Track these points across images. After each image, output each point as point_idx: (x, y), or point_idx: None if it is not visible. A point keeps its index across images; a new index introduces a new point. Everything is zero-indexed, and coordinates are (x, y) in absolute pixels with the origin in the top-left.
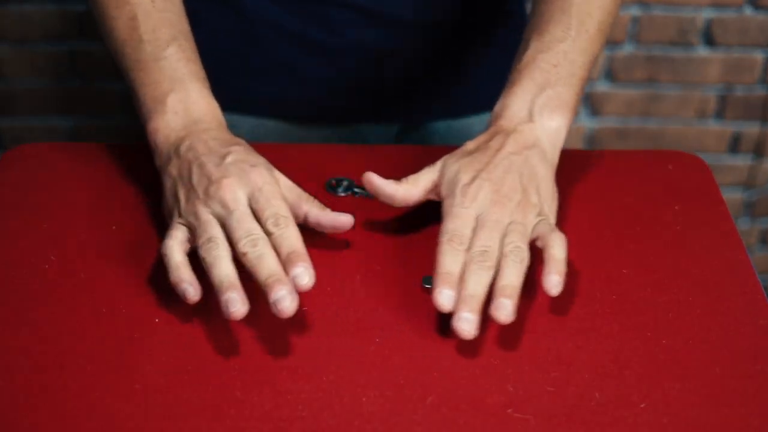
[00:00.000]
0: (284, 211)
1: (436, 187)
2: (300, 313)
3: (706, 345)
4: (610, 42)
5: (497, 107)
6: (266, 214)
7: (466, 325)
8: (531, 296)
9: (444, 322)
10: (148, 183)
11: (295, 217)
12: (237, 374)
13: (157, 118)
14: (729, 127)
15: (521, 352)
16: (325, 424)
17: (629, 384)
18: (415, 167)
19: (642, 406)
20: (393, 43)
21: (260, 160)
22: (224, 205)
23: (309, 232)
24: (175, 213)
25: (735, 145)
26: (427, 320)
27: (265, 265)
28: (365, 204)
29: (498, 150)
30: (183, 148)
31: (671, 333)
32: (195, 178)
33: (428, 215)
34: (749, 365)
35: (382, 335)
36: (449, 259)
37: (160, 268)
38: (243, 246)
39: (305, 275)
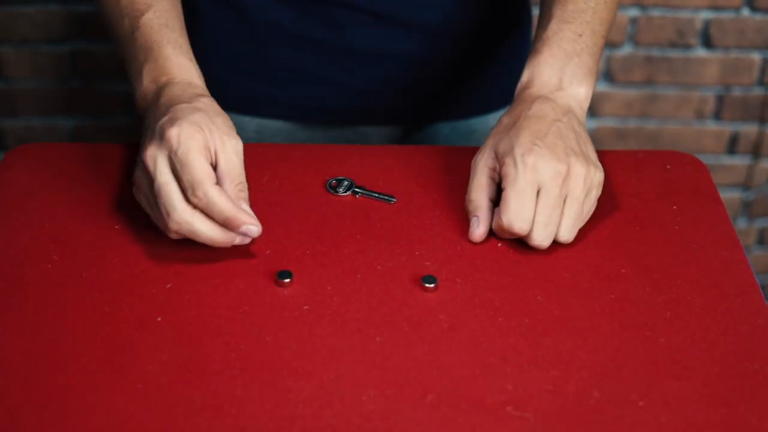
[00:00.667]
0: (200, 176)
1: (494, 171)
2: (300, 313)
3: (704, 344)
4: (609, 43)
5: (526, 75)
6: (184, 184)
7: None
8: (530, 296)
9: (444, 321)
10: None
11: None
12: (238, 373)
13: (138, 90)
14: (727, 128)
15: (520, 351)
16: (326, 423)
17: (628, 383)
18: (416, 167)
19: (640, 404)
20: (399, 45)
21: (193, 116)
22: (146, 174)
23: (309, 231)
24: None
25: (733, 145)
26: (427, 320)
27: (200, 235)
28: (365, 204)
29: (541, 117)
30: (146, 119)
31: (669, 332)
32: (141, 145)
33: (429, 215)
34: (747, 364)
35: (382, 335)
36: (506, 238)
37: (161, 268)
38: (170, 227)
39: (251, 231)
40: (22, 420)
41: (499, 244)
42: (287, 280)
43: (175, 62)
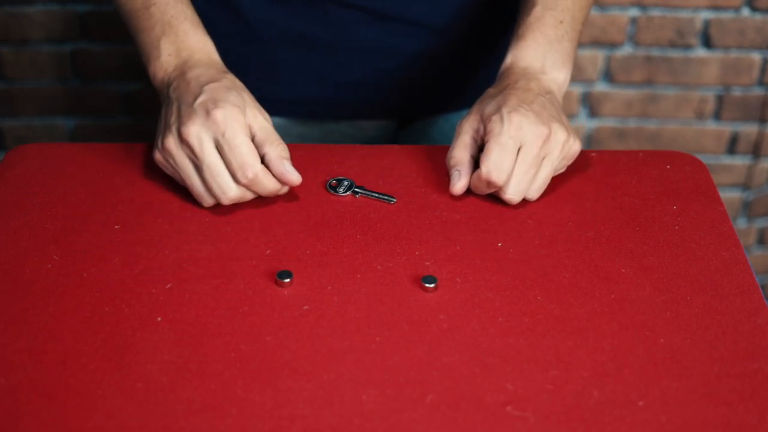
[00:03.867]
0: (249, 159)
1: (477, 133)
2: (300, 313)
3: (704, 344)
4: (609, 43)
5: (509, 58)
6: (233, 165)
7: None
8: (530, 296)
9: (444, 321)
10: (149, 182)
11: (259, 154)
12: (238, 373)
13: (153, 63)
14: (727, 128)
15: (520, 351)
16: (326, 423)
17: (628, 383)
18: (414, 167)
19: (640, 404)
20: (394, 41)
21: (230, 97)
22: (193, 152)
23: (309, 231)
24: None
25: (733, 145)
26: (426, 320)
27: (255, 194)
28: (365, 204)
29: (526, 89)
30: (171, 89)
31: (669, 332)
32: (172, 118)
33: (429, 215)
34: (747, 364)
35: (382, 335)
36: (482, 191)
37: (161, 268)
38: (225, 203)
39: (294, 181)
40: (22, 420)
41: (500, 244)
42: (287, 280)
43: (194, 38)
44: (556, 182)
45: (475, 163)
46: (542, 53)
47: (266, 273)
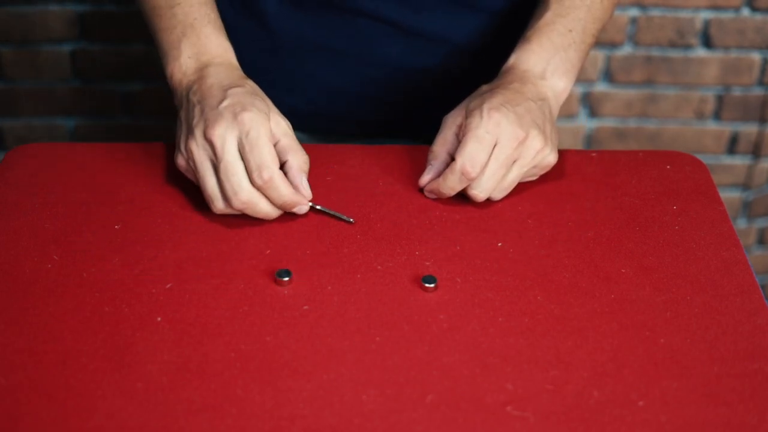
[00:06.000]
0: (268, 160)
1: (460, 128)
2: (300, 313)
3: (704, 344)
4: (609, 43)
5: (512, 59)
6: (251, 165)
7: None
8: (530, 296)
9: (444, 321)
10: (149, 182)
11: (280, 161)
12: (238, 373)
13: (172, 63)
14: (727, 128)
15: (520, 351)
16: (326, 423)
17: (628, 383)
18: (416, 167)
19: (640, 404)
20: (419, 57)
21: (256, 102)
22: (214, 151)
23: (309, 231)
24: (180, 146)
25: (733, 145)
26: (426, 320)
27: (258, 212)
28: (366, 204)
29: (518, 92)
30: (191, 92)
31: (669, 332)
32: (194, 121)
33: (429, 215)
34: (747, 364)
35: (382, 335)
36: (453, 184)
37: (161, 268)
38: (234, 205)
39: (301, 211)
40: (22, 420)
41: (500, 244)
42: (286, 279)
43: (215, 42)
44: (557, 182)
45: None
46: (546, 59)
47: (266, 273)
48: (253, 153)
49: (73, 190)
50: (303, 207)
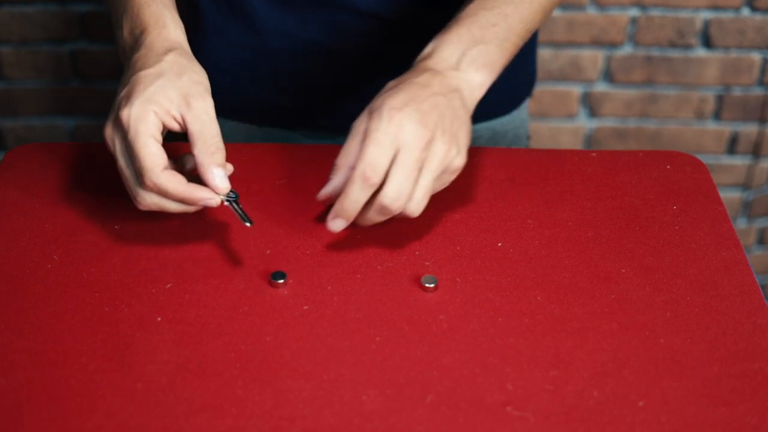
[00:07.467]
0: (147, 165)
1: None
2: (300, 313)
3: (704, 344)
4: (609, 43)
5: (428, 48)
6: (136, 170)
7: (337, 225)
8: (530, 296)
9: (444, 321)
10: None
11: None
12: (238, 373)
13: (119, 46)
14: (727, 128)
15: (520, 351)
16: (326, 423)
17: (628, 383)
18: None
19: (640, 404)
20: (405, 52)
21: (149, 90)
22: (109, 152)
23: (309, 231)
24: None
25: (733, 145)
26: (426, 320)
27: (169, 210)
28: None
29: (425, 86)
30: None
31: (669, 332)
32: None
33: (429, 215)
34: (747, 364)
35: (382, 335)
36: (356, 196)
37: (162, 267)
38: (140, 206)
39: (210, 203)
40: (22, 420)
41: (500, 244)
42: (281, 281)
43: (148, 11)
44: (557, 182)
45: None
46: (462, 49)
47: (266, 273)
48: (134, 158)
49: (74, 190)
50: (210, 201)
